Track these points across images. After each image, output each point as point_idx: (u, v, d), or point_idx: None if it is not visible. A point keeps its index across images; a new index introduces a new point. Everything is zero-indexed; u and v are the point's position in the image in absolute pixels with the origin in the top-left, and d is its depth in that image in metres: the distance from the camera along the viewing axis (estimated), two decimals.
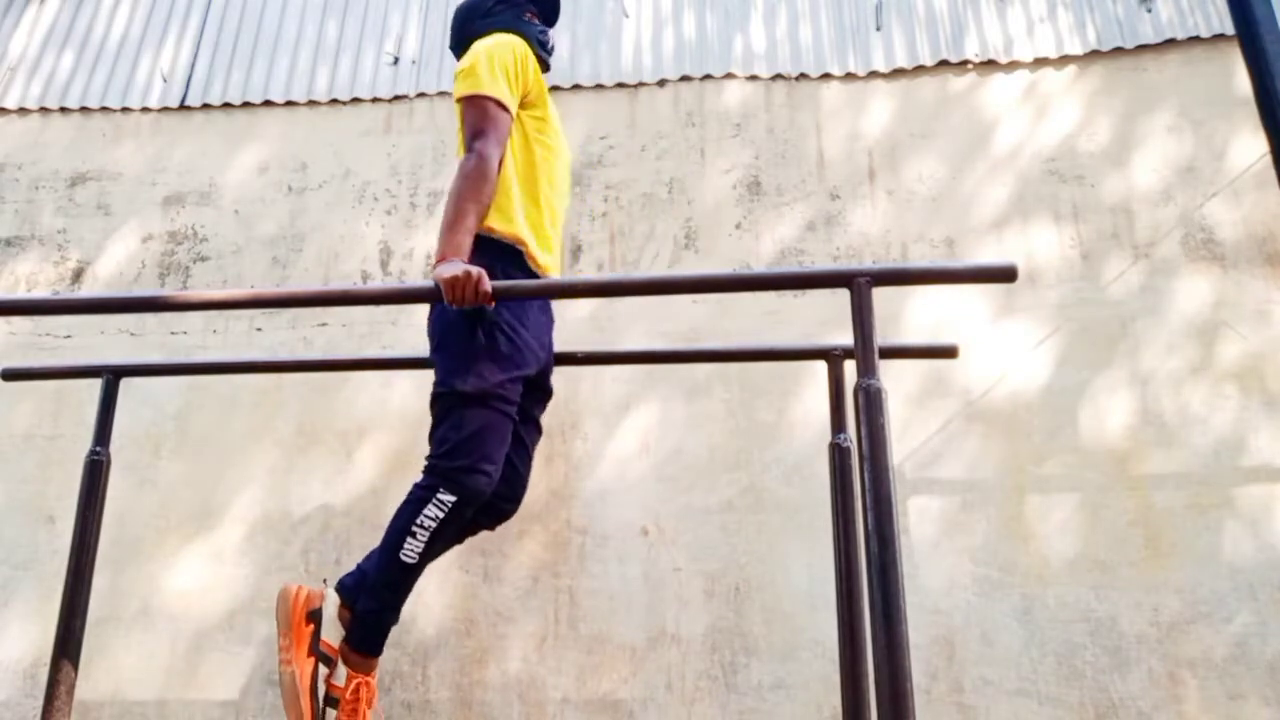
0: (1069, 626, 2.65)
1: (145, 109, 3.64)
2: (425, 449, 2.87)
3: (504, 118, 1.99)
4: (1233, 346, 2.90)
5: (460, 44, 2.27)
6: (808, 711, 2.63)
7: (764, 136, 3.34)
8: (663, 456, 2.93)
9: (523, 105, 2.10)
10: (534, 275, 2.03)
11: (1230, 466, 2.77)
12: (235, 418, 3.09)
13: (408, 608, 2.83)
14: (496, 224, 1.98)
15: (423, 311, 3.12)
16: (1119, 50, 3.32)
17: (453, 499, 1.89)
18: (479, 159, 1.92)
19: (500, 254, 1.98)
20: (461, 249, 1.87)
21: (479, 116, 1.97)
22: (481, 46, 2.07)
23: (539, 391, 2.22)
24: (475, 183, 1.90)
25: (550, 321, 2.20)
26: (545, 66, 2.29)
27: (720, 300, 3.08)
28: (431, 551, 1.94)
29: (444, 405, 1.94)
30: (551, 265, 2.11)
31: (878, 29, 3.48)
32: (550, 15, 2.38)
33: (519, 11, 2.25)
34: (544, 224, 2.09)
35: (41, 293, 3.34)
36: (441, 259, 1.86)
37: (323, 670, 1.95)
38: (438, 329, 1.99)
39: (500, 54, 2.04)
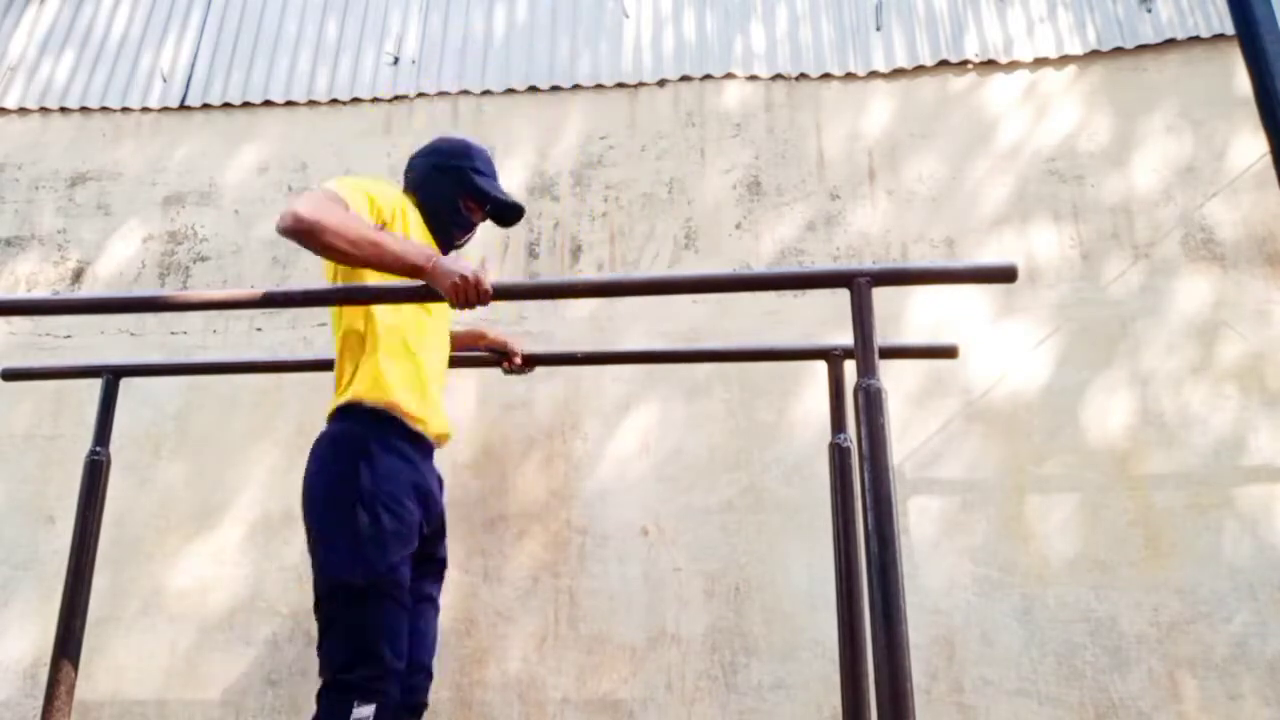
0: (1069, 626, 2.65)
1: (145, 109, 3.64)
2: None
3: (335, 204, 1.75)
4: (1233, 346, 2.90)
5: (410, 163, 2.11)
6: (808, 711, 2.63)
7: (764, 136, 3.34)
8: (663, 456, 2.93)
9: None
10: (417, 438, 1.87)
11: (1230, 466, 2.77)
12: (235, 418, 3.09)
13: None
14: (364, 392, 1.82)
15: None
16: (1119, 50, 3.32)
17: (371, 708, 1.65)
18: (293, 212, 1.67)
19: (374, 422, 1.81)
20: (429, 254, 1.72)
21: (308, 198, 1.72)
22: (346, 182, 1.86)
23: (431, 564, 1.98)
24: (330, 221, 1.66)
25: (439, 482, 1.98)
26: (445, 249, 2.06)
27: (720, 300, 3.08)
28: None
29: (334, 606, 1.71)
30: (436, 422, 1.93)
31: (878, 29, 3.48)
32: (506, 219, 2.16)
33: (456, 191, 2.03)
34: (419, 379, 1.90)
35: (41, 293, 3.34)
36: (427, 270, 1.70)
37: None
38: (314, 514, 1.78)
39: (359, 180, 1.88)
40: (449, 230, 2.07)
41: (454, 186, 2.04)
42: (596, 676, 2.71)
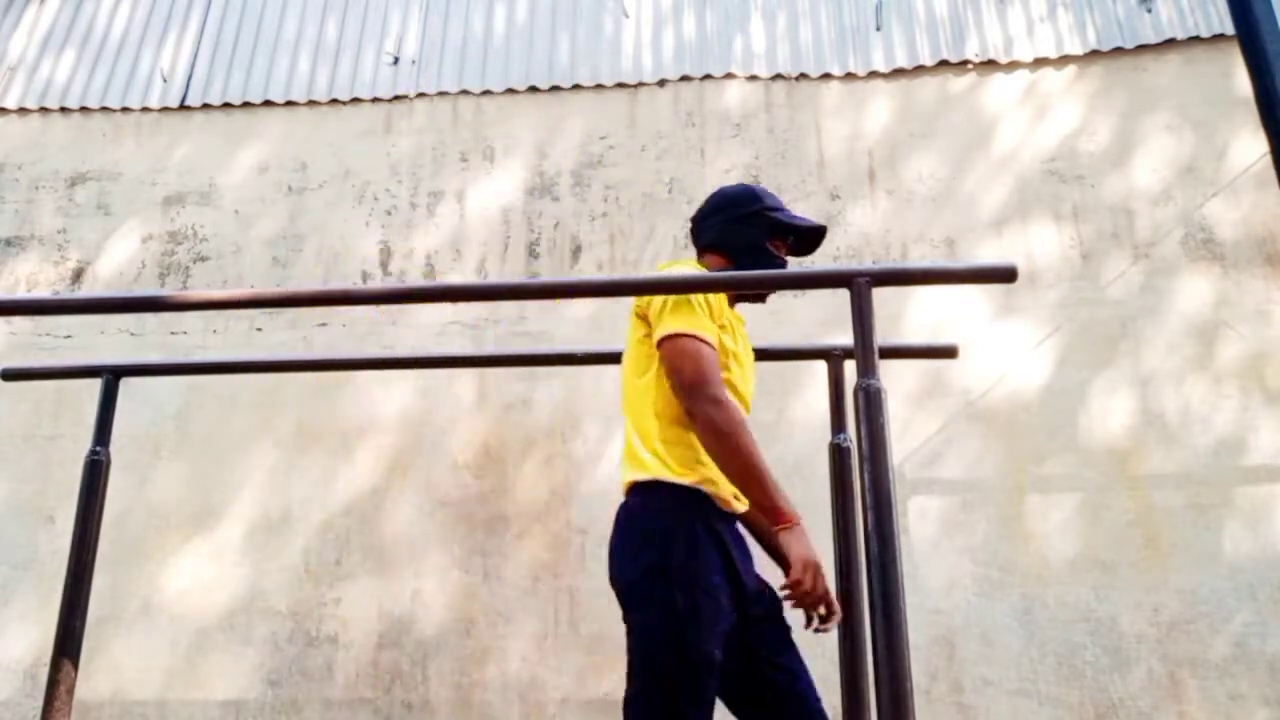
0: (1069, 626, 2.65)
1: (145, 109, 3.64)
2: (424, 448, 2.87)
3: (712, 353, 1.77)
4: (1233, 346, 2.90)
5: (698, 225, 2.04)
6: None
7: (764, 136, 3.34)
8: None
9: None
10: (727, 517, 1.82)
11: (1230, 466, 2.77)
12: (235, 418, 3.09)
13: (407, 608, 2.84)
14: (673, 473, 1.75)
15: (425, 310, 3.13)
16: (1119, 50, 3.32)
17: None
18: (717, 405, 1.70)
19: (686, 501, 1.75)
20: (793, 506, 1.68)
21: (687, 356, 1.74)
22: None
23: (768, 624, 1.87)
24: (736, 430, 1.68)
25: (744, 547, 1.88)
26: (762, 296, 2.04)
27: None
28: None
29: (653, 687, 1.67)
30: (743, 500, 1.88)
31: (878, 29, 3.48)
32: (808, 246, 2.09)
33: (762, 235, 1.97)
34: None
35: (41, 293, 3.34)
36: (793, 526, 1.66)
37: None
38: (630, 593, 1.73)
39: (694, 301, 1.82)
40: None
41: (758, 232, 1.97)
42: (596, 676, 2.71)
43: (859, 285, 1.49)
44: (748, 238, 1.98)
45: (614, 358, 2.94)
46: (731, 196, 2.03)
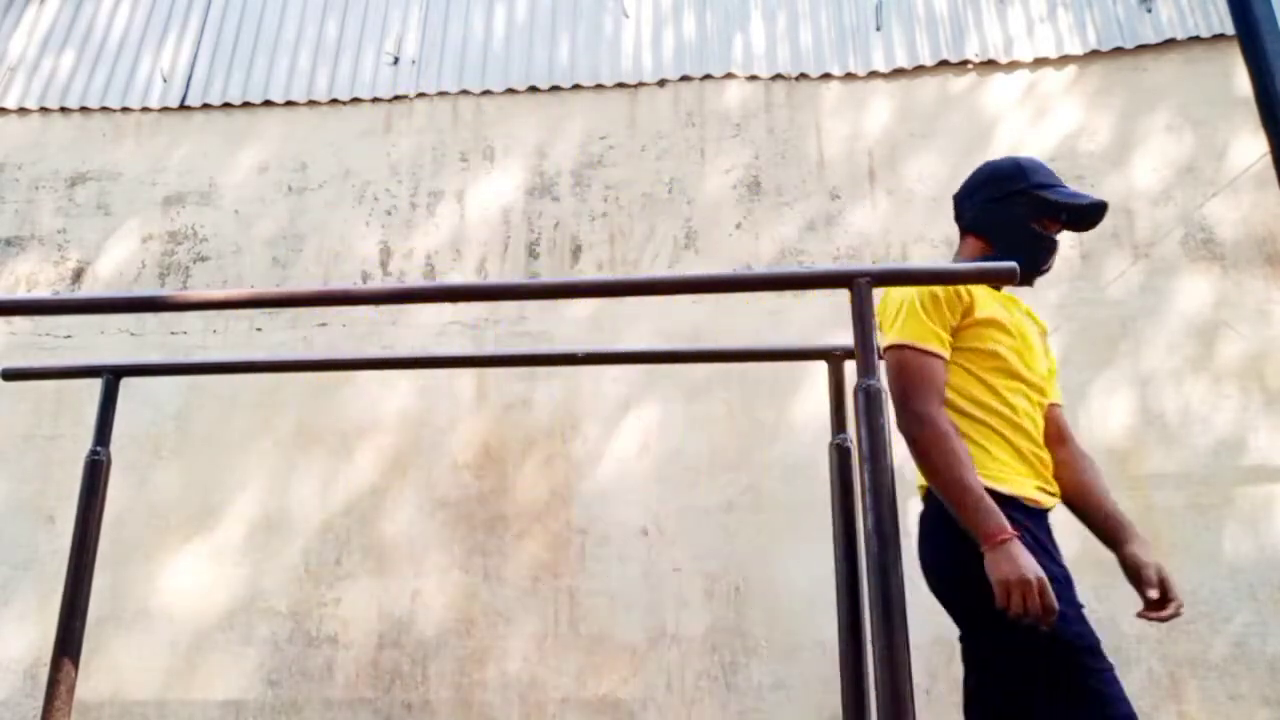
0: None
1: (145, 109, 3.64)
2: (424, 448, 2.87)
3: (929, 363, 1.67)
4: (1233, 346, 2.90)
5: (960, 204, 1.88)
6: (808, 711, 2.63)
7: (764, 136, 3.34)
8: (663, 456, 2.93)
9: (961, 331, 1.73)
10: (1033, 514, 1.72)
11: (1230, 466, 2.77)
12: (235, 418, 3.09)
13: (407, 608, 2.84)
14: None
15: (425, 310, 3.13)
16: (1119, 50, 3.32)
17: None
18: (919, 422, 1.62)
19: None
20: (1002, 523, 1.55)
21: (899, 370, 1.66)
22: (910, 293, 1.73)
23: None
24: (938, 445, 1.61)
25: (1052, 555, 1.78)
26: (1031, 279, 1.82)
27: (720, 300, 3.08)
28: None
29: (1020, 690, 1.59)
30: (1047, 487, 1.80)
31: (878, 29, 3.48)
32: (1086, 223, 1.86)
33: (1027, 215, 1.79)
34: (1009, 445, 1.74)
35: (41, 293, 3.34)
36: (996, 544, 1.54)
37: None
38: (956, 602, 1.68)
39: (918, 292, 1.73)
40: (1034, 258, 1.79)
41: (1023, 212, 1.80)
42: (596, 676, 2.71)
43: (859, 285, 1.49)
44: (1009, 218, 1.81)
45: (614, 358, 2.96)
46: (994, 173, 1.85)
